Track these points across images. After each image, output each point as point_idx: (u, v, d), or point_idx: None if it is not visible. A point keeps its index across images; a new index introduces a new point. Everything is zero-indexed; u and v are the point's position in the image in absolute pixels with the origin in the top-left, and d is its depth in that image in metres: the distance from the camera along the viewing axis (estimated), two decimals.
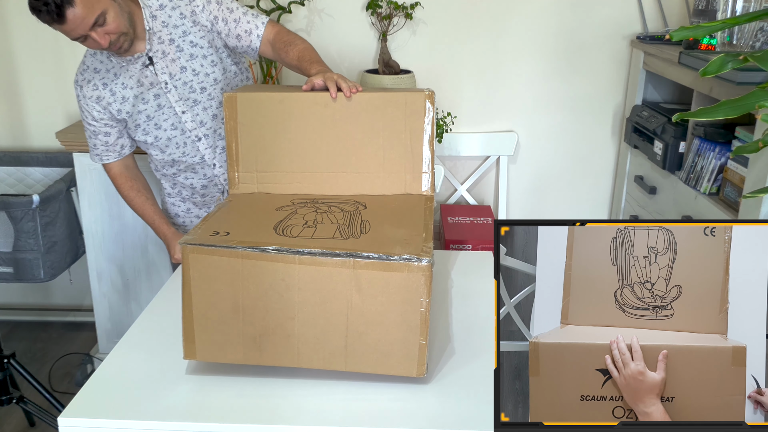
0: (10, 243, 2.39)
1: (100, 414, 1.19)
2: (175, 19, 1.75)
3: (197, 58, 1.79)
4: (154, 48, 1.76)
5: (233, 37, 1.80)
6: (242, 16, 1.79)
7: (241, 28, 1.79)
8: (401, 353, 1.22)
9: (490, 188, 2.95)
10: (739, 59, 1.18)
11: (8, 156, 2.73)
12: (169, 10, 1.75)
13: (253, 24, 1.79)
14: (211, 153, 1.90)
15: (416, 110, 1.54)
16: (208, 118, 1.85)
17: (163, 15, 1.75)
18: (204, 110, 1.84)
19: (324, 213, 1.42)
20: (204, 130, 1.86)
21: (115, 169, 1.95)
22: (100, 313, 2.65)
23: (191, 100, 1.82)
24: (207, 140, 1.88)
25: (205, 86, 1.82)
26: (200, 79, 1.80)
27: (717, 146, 1.99)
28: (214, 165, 1.92)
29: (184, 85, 1.80)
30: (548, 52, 2.74)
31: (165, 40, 1.76)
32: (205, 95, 1.82)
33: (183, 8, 1.76)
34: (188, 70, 1.79)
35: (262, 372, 1.28)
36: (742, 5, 2.05)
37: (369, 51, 2.75)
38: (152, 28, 1.74)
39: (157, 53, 1.76)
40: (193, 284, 1.24)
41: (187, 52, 1.78)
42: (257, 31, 1.79)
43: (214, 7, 1.77)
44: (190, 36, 1.77)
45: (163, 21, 1.75)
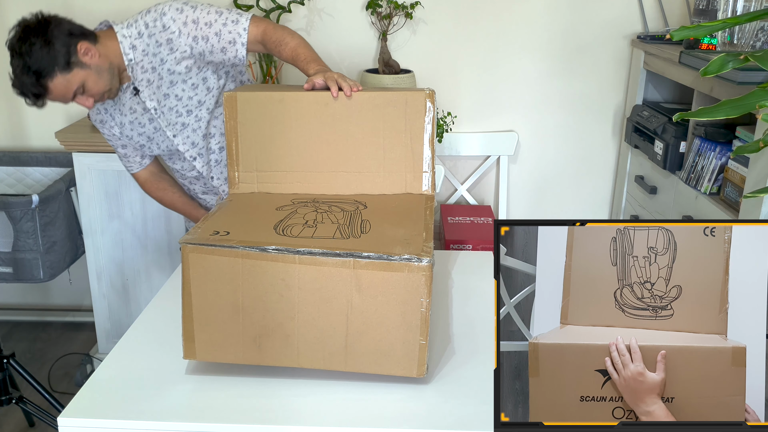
0: (10, 243, 2.39)
1: (100, 414, 1.19)
2: (153, 47, 1.72)
3: (178, 84, 1.77)
4: (138, 77, 1.75)
5: (218, 52, 1.74)
6: (222, 28, 1.71)
7: (224, 40, 1.72)
8: (401, 353, 1.22)
9: (490, 188, 2.95)
10: (739, 59, 1.18)
11: (8, 156, 2.73)
12: (147, 38, 1.72)
13: (236, 32, 1.71)
14: (206, 169, 1.92)
15: (417, 109, 1.54)
16: (199, 139, 1.86)
17: (141, 43, 1.72)
18: (194, 132, 1.85)
19: (324, 212, 1.41)
20: (197, 149, 1.88)
21: (141, 178, 2.00)
22: (100, 313, 2.65)
23: (179, 124, 1.82)
24: (201, 159, 1.90)
25: (191, 109, 1.81)
26: (185, 103, 1.80)
27: (718, 146, 1.99)
28: (212, 178, 1.94)
29: (171, 110, 1.80)
30: (549, 52, 2.74)
31: (147, 69, 1.74)
32: (192, 117, 1.82)
33: (158, 36, 1.71)
34: (171, 96, 1.78)
35: (262, 372, 1.28)
36: (742, 5, 2.05)
37: (369, 50, 2.75)
38: (134, 59, 1.73)
39: (142, 82, 1.76)
40: (193, 284, 1.23)
41: (167, 80, 1.76)
42: (241, 40, 1.72)
43: (191, 28, 1.70)
44: (167, 64, 1.73)
45: (143, 50, 1.72)
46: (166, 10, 1.70)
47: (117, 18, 1.80)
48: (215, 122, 1.86)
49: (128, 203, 2.52)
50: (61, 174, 2.67)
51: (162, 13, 1.70)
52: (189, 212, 2.03)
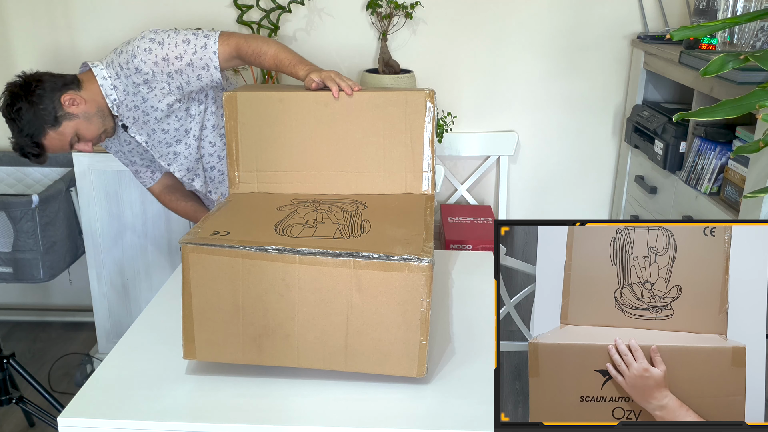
0: (10, 243, 2.39)
1: (100, 414, 1.19)
2: (132, 87, 1.72)
3: (162, 120, 1.78)
4: (125, 115, 1.77)
5: (194, 81, 1.73)
6: (192, 57, 1.69)
7: (197, 68, 1.70)
8: (401, 353, 1.22)
9: (490, 188, 2.95)
10: (739, 59, 1.18)
11: (8, 156, 2.73)
12: (124, 79, 1.72)
13: (207, 58, 1.69)
14: (204, 187, 1.97)
15: (417, 109, 1.54)
16: (192, 163, 1.89)
17: (121, 84, 1.72)
18: (186, 158, 1.88)
19: (324, 212, 1.41)
20: (193, 173, 1.91)
21: (155, 192, 2.05)
22: (100, 313, 2.65)
23: (171, 153, 1.85)
24: (199, 179, 1.94)
25: (180, 138, 1.83)
26: (172, 134, 1.82)
27: (718, 146, 1.99)
28: (209, 192, 1.99)
29: (160, 143, 1.83)
30: (549, 52, 2.74)
31: (131, 107, 1.76)
32: (183, 145, 1.85)
33: (134, 77, 1.71)
34: (158, 131, 1.81)
35: (262, 372, 1.28)
36: (742, 5, 2.05)
37: (369, 50, 2.75)
38: (117, 98, 1.74)
39: (129, 119, 1.78)
40: (193, 284, 1.23)
41: (152, 116, 1.77)
42: (213, 64, 1.70)
43: (163, 67, 1.69)
44: (150, 101, 1.74)
45: (124, 89, 1.73)
46: (135, 52, 1.68)
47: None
48: (203, 144, 1.89)
49: (128, 203, 2.52)
50: (61, 174, 2.67)
51: (132, 56, 1.69)
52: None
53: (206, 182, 1.97)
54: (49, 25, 2.67)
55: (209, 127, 1.86)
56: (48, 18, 2.66)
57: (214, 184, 1.97)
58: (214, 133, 1.87)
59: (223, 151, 1.91)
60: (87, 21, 2.67)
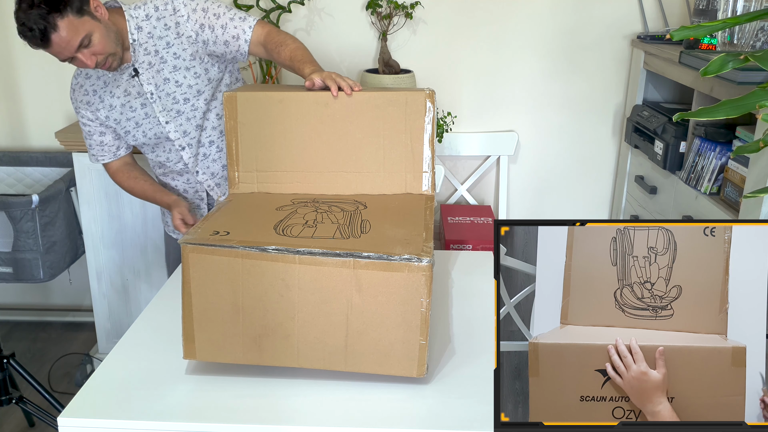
0: (10, 243, 2.39)
1: (100, 414, 1.19)
2: (160, 30, 1.73)
3: (180, 70, 1.77)
4: (140, 59, 1.75)
5: (221, 44, 1.76)
6: (229, 22, 1.75)
7: (228, 34, 1.75)
8: (401, 353, 1.22)
9: (490, 188, 2.95)
10: (739, 59, 1.18)
11: (7, 156, 2.73)
12: (155, 21, 1.73)
13: (241, 29, 1.75)
14: (193, 161, 1.91)
15: (417, 109, 1.54)
16: (192, 128, 1.85)
17: (148, 26, 1.73)
18: (187, 120, 1.84)
19: (324, 213, 1.41)
20: (187, 139, 1.86)
21: (113, 168, 1.97)
22: (100, 313, 2.65)
23: (174, 110, 1.82)
24: (190, 149, 1.88)
25: (188, 97, 1.80)
26: (183, 90, 1.79)
27: (718, 146, 1.99)
28: (197, 172, 1.93)
29: (168, 96, 1.79)
30: (549, 52, 2.74)
31: (150, 51, 1.74)
32: (189, 106, 1.81)
33: (167, 19, 1.73)
34: (171, 82, 1.78)
35: (262, 372, 1.28)
36: (742, 5, 2.05)
37: (369, 50, 2.75)
38: (138, 40, 1.73)
39: (143, 64, 1.76)
40: (193, 284, 1.23)
41: (171, 64, 1.76)
42: (245, 36, 1.75)
43: (200, 15, 1.73)
44: (174, 48, 1.74)
45: (149, 32, 1.73)
46: None
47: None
48: (209, 115, 1.85)
49: (128, 203, 2.51)
50: (61, 174, 2.67)
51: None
52: (161, 198, 1.96)
53: (197, 157, 1.90)
54: None
55: (220, 98, 1.84)
56: None
57: (207, 162, 1.91)
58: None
59: None
60: None
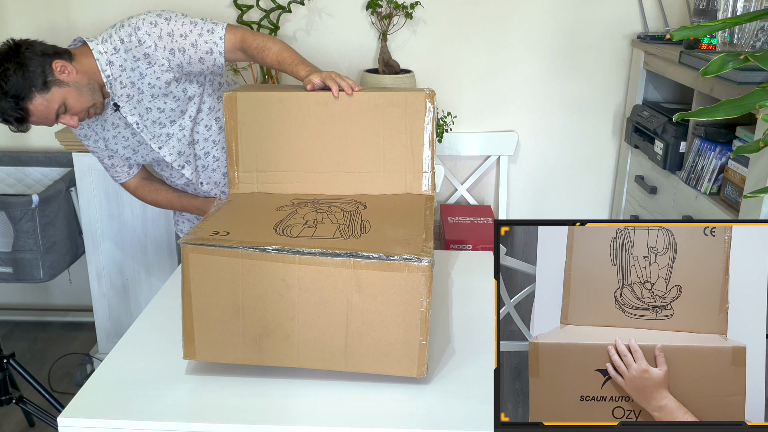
0: (10, 243, 2.39)
1: (100, 414, 1.19)
2: (131, 62, 1.69)
3: (159, 98, 1.75)
4: (118, 93, 1.73)
5: (196, 62, 1.72)
6: (198, 38, 1.70)
7: (201, 50, 1.71)
8: (401, 353, 1.22)
9: (490, 188, 2.95)
10: (739, 59, 1.18)
11: (8, 156, 2.73)
12: (123, 53, 1.69)
13: (213, 42, 1.70)
14: (195, 175, 1.91)
15: (416, 110, 1.54)
16: (185, 147, 1.85)
17: (119, 59, 1.69)
18: (179, 141, 1.83)
19: (324, 213, 1.41)
20: (184, 158, 1.86)
21: (131, 186, 1.99)
22: (100, 313, 2.65)
23: (164, 135, 1.81)
24: (189, 166, 1.89)
25: (174, 119, 1.79)
26: (167, 114, 1.78)
27: (718, 146, 1.99)
28: (201, 183, 1.94)
29: (154, 123, 1.78)
30: (549, 52, 2.74)
31: (126, 84, 1.72)
32: (177, 127, 1.81)
33: (135, 51, 1.68)
34: (153, 110, 1.76)
35: (262, 372, 1.28)
36: (742, 5, 2.05)
37: (369, 50, 2.75)
38: (112, 75, 1.70)
39: (122, 98, 1.73)
40: (193, 284, 1.23)
41: (148, 93, 1.73)
42: (218, 49, 1.71)
43: (167, 42, 1.68)
44: (147, 78, 1.71)
45: (120, 65, 1.70)
46: (139, 24, 1.67)
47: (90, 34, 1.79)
48: (198, 128, 1.85)
49: (128, 203, 2.51)
50: (61, 174, 2.67)
51: (136, 28, 1.67)
52: (188, 203, 1.99)
53: (197, 170, 1.91)
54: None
55: (205, 110, 1.83)
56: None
57: (207, 172, 1.92)
58: (209, 115, 1.84)
59: (218, 135, 1.88)
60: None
